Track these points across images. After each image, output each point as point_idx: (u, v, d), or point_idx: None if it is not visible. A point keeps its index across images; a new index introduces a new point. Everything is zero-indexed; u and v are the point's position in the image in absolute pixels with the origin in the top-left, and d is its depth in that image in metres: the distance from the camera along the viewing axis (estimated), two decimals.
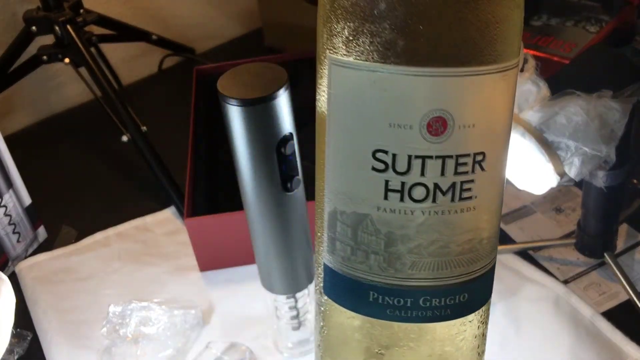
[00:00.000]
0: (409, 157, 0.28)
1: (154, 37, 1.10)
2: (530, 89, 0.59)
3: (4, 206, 0.78)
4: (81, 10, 0.98)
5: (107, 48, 1.11)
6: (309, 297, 0.64)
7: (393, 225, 0.29)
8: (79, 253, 0.82)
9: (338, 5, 0.27)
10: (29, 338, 0.71)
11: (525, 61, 0.72)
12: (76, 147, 1.03)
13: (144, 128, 0.89)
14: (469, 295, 0.33)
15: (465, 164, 0.28)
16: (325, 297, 0.35)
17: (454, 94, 0.26)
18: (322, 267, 0.34)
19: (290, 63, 1.00)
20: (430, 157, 0.28)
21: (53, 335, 0.71)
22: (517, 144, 0.59)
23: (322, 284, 0.34)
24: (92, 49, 0.98)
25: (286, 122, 0.52)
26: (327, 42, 0.29)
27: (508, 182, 0.66)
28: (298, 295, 0.63)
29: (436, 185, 0.28)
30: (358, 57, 0.27)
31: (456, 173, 0.28)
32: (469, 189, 0.29)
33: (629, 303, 0.68)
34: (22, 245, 0.82)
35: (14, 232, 0.80)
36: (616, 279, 0.69)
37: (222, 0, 1.25)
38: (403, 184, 0.28)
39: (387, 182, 0.28)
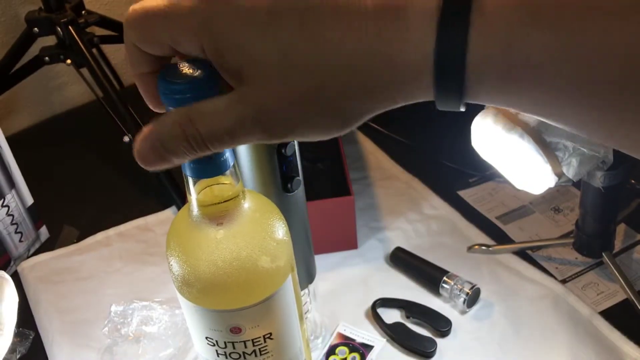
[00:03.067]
0: (225, 342, 0.47)
1: None
2: None
3: (7, 206, 0.79)
4: (83, 12, 0.98)
5: (108, 49, 1.11)
6: (309, 297, 0.64)
7: None
8: (80, 253, 0.83)
9: (171, 265, 0.46)
10: (31, 337, 0.72)
11: None
12: (78, 147, 1.04)
13: None
14: None
15: (259, 341, 0.47)
16: None
17: (241, 317, 0.45)
18: None
19: None
20: (236, 341, 0.46)
21: (55, 335, 0.72)
22: (516, 144, 0.60)
23: None
24: (94, 50, 0.99)
25: None
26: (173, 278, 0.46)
27: (507, 182, 0.66)
28: None
29: (244, 352, 0.47)
30: (183, 295, 0.46)
31: (254, 345, 0.47)
32: (265, 348, 0.47)
33: (627, 302, 0.68)
34: (24, 245, 0.83)
35: (16, 232, 0.81)
36: (614, 278, 0.70)
37: None
38: (225, 352, 0.47)
39: (216, 351, 0.48)
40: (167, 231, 0.84)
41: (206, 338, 0.47)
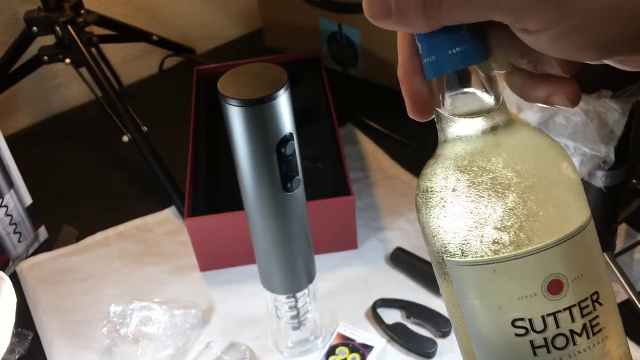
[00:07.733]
0: (542, 317, 0.33)
1: (154, 37, 1.10)
2: None
3: (5, 206, 0.79)
4: (82, 11, 0.98)
5: (107, 48, 1.11)
6: (309, 297, 0.64)
7: None
8: (79, 253, 0.82)
9: (442, 223, 0.34)
10: (29, 337, 0.71)
11: None
12: (77, 147, 1.03)
13: (145, 128, 0.89)
14: None
15: (587, 306, 0.33)
16: None
17: (559, 259, 0.33)
18: None
19: (290, 63, 1.00)
20: (559, 311, 0.33)
21: (54, 335, 0.72)
22: None
23: None
24: (93, 50, 0.99)
25: (286, 122, 0.52)
26: (440, 249, 0.35)
27: None
28: (298, 295, 0.63)
29: (572, 331, 0.33)
30: (473, 257, 0.33)
31: (583, 316, 0.33)
32: (597, 324, 0.34)
33: (628, 303, 0.68)
34: (23, 245, 0.83)
35: (15, 232, 0.81)
36: (615, 278, 0.69)
37: (222, 1, 1.25)
38: (545, 339, 0.33)
39: (531, 342, 0.34)
40: (166, 231, 0.84)
41: (513, 324, 0.34)
